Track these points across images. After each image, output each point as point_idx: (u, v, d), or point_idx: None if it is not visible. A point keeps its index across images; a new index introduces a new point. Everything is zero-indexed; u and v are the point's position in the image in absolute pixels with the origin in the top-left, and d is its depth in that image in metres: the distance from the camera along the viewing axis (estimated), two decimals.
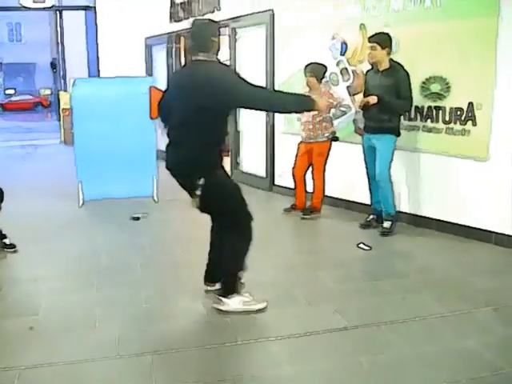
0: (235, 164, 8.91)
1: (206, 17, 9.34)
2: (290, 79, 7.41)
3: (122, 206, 7.15)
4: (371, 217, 6.01)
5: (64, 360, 3.34)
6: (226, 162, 8.60)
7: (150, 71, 11.43)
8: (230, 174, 8.65)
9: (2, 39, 41.92)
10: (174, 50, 10.79)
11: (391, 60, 5.62)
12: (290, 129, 7.39)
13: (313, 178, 6.54)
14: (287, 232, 6.39)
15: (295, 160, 6.60)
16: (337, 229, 6.24)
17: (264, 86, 7.64)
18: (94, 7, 14.27)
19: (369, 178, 5.93)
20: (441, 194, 5.83)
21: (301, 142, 6.56)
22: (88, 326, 3.82)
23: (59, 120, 15.76)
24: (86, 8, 15.22)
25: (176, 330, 3.80)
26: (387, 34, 5.63)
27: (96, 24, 14.29)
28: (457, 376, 3.13)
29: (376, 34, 5.66)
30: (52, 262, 5.17)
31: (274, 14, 7.73)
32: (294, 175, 6.62)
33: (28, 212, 6.77)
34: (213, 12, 9.16)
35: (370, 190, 5.99)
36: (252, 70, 8.32)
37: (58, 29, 26.73)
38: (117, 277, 4.80)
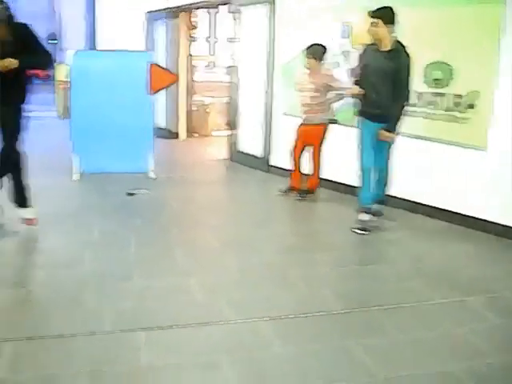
0: (233, 143, 8.86)
1: None
2: (292, 61, 7.33)
3: (117, 181, 7.11)
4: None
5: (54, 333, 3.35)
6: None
7: (149, 46, 11.29)
8: (228, 153, 8.80)
9: None
10: (173, 25, 10.66)
11: (395, 40, 5.09)
12: (291, 110, 7.34)
13: (310, 160, 6.52)
14: (283, 213, 6.39)
15: (295, 141, 6.57)
16: (333, 212, 6.23)
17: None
18: None
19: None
20: (439, 181, 5.81)
21: (301, 124, 6.52)
22: (78, 300, 3.82)
23: (54, 93, 15.58)
24: None
25: (167, 308, 3.79)
26: (390, 8, 5.07)
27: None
28: (448, 364, 3.14)
29: (378, 8, 5.08)
30: (45, 235, 5.14)
31: None
32: (293, 156, 6.59)
33: None
34: None
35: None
36: (254, 52, 8.25)
37: (55, 1, 26.40)
38: (109, 252, 4.79)
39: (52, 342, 3.26)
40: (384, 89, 5.15)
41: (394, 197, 5.90)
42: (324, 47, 6.32)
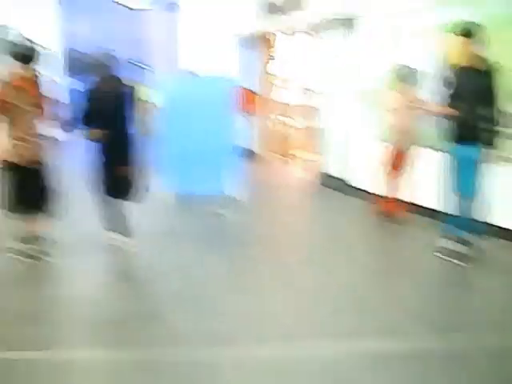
0: (317, 166, 8.82)
1: (291, 15, 9.32)
2: (379, 84, 7.24)
3: (203, 202, 7.22)
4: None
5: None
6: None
7: (234, 69, 11.47)
8: (311, 175, 8.72)
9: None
10: (258, 48, 10.80)
11: (483, 57, 4.84)
12: (377, 134, 7.22)
13: (394, 184, 6.42)
14: (367, 236, 6.28)
15: (383, 165, 6.48)
16: (417, 236, 6.06)
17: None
18: (178, 5, 14.54)
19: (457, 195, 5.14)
20: None
21: (390, 147, 6.41)
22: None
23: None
24: (173, 7, 15.43)
25: (250, 327, 3.78)
26: (476, 23, 4.82)
27: (183, 22, 14.49)
28: None
29: (463, 24, 4.82)
30: (141, 253, 5.29)
31: (357, 18, 7.59)
32: (384, 180, 6.51)
33: None
34: (297, 11, 9.09)
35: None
36: (338, 73, 8.23)
37: (146, 27, 27.32)
38: (195, 271, 4.88)
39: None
40: (477, 109, 4.89)
41: (493, 225, 5.48)
42: (413, 68, 6.21)
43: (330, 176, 8.38)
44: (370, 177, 6.82)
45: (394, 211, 6.45)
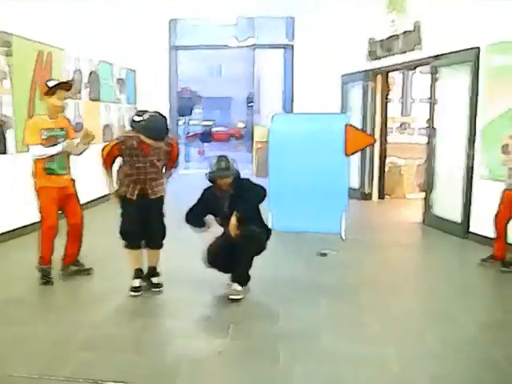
0: (428, 206, 8.54)
1: (406, 55, 9.21)
2: (496, 121, 6.94)
3: (308, 240, 7.18)
4: None
5: None
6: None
7: (344, 108, 11.48)
8: (422, 216, 8.47)
9: (203, 74, 45.12)
10: (369, 87, 10.74)
11: None
12: (493, 174, 6.90)
13: (506, 226, 6.04)
14: (484, 285, 5.89)
15: (498, 208, 6.11)
16: None
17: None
18: (292, 45, 14.75)
19: None
20: None
21: (505, 189, 6.07)
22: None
23: (251, 152, 16.45)
24: (284, 46, 15.77)
25: (359, 376, 3.63)
26: None
27: (292, 61, 14.77)
28: None
29: None
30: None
31: (479, 53, 7.32)
32: (496, 224, 6.13)
33: None
34: (413, 50, 8.97)
35: None
36: (452, 112, 7.98)
37: (255, 66, 28.30)
38: (299, 310, 4.79)
39: None
40: None
41: None
42: None
43: (444, 218, 8.04)
44: (485, 219, 6.46)
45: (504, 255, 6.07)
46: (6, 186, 7.03)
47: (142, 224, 5.13)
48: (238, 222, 4.86)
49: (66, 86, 5.49)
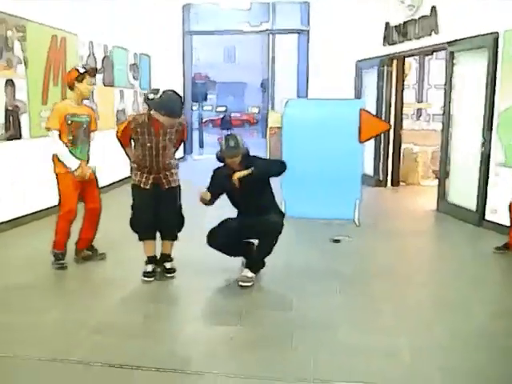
0: (442, 193, 8.46)
1: (422, 40, 9.08)
2: (509, 111, 6.83)
3: (321, 227, 7.15)
4: None
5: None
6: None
7: (359, 94, 11.38)
8: (436, 204, 8.41)
9: (218, 60, 44.98)
10: (385, 73, 10.63)
11: None
12: (509, 161, 6.81)
13: None
14: (499, 273, 5.83)
15: None
16: None
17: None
18: (307, 31, 14.63)
19: None
20: None
21: None
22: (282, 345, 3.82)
23: (265, 137, 16.38)
24: (299, 32, 15.65)
25: (370, 366, 3.61)
26: None
27: (307, 47, 14.66)
28: None
29: None
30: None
31: (497, 37, 7.19)
32: (510, 211, 6.05)
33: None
34: (430, 35, 8.85)
35: None
36: (469, 99, 7.88)
37: (270, 51, 28.13)
38: (314, 299, 4.77)
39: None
40: None
41: None
42: None
43: (459, 206, 7.97)
44: (501, 207, 6.39)
45: None
46: (21, 172, 7.07)
47: (156, 215, 5.11)
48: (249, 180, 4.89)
49: (93, 71, 5.57)
